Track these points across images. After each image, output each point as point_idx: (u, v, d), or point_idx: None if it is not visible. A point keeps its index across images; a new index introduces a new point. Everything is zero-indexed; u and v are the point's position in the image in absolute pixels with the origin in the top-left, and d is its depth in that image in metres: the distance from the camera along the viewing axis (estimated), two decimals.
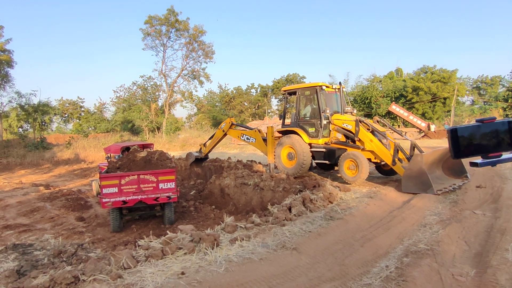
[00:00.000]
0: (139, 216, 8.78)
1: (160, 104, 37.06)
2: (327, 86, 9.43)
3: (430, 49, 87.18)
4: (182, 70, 36.62)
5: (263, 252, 3.94)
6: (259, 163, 13.19)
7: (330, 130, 9.29)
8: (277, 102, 51.10)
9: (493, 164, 1.37)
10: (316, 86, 9.29)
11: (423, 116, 33.60)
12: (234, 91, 49.43)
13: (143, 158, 8.19)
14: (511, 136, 1.34)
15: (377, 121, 9.29)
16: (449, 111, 34.12)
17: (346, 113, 9.61)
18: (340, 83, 9.69)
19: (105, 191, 7.29)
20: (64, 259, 5.42)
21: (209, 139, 12.60)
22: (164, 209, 8.11)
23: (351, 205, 6.06)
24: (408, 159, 7.90)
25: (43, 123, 35.11)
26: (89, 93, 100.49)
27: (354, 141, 8.84)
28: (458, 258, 4.03)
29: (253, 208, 8.79)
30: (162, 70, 35.96)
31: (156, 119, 34.03)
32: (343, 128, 9.00)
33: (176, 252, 4.01)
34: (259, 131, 11.04)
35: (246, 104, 49.12)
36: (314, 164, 10.70)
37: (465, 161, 8.33)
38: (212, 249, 4.07)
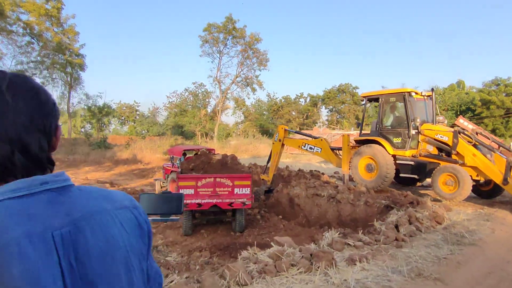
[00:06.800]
0: (206, 221, 8.48)
1: (209, 111, 37.78)
2: (416, 93, 8.52)
3: (495, 60, 79.70)
4: (236, 77, 37.10)
5: (399, 280, 3.25)
6: (323, 173, 12.41)
7: (418, 141, 8.31)
8: (327, 112, 49.83)
9: None
10: (404, 92, 8.41)
11: (494, 132, 30.36)
12: (283, 100, 49.05)
13: (219, 161, 7.92)
14: None
15: (477, 133, 8.14)
16: None
17: (438, 123, 8.59)
18: (432, 89, 8.68)
19: (181, 192, 7.05)
20: None
21: (267, 162, 10.69)
22: (236, 215, 7.71)
23: (470, 229, 5.11)
24: None
25: (103, 124, 37.48)
26: (143, 97, 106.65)
27: (449, 155, 7.79)
28: None
29: (328, 221, 8.08)
30: (217, 76, 36.76)
31: (207, 125, 34.67)
32: (436, 140, 7.97)
33: (290, 269, 3.46)
34: (325, 140, 10.32)
35: (294, 113, 48.43)
36: None
37: None
38: (331, 269, 3.47)
